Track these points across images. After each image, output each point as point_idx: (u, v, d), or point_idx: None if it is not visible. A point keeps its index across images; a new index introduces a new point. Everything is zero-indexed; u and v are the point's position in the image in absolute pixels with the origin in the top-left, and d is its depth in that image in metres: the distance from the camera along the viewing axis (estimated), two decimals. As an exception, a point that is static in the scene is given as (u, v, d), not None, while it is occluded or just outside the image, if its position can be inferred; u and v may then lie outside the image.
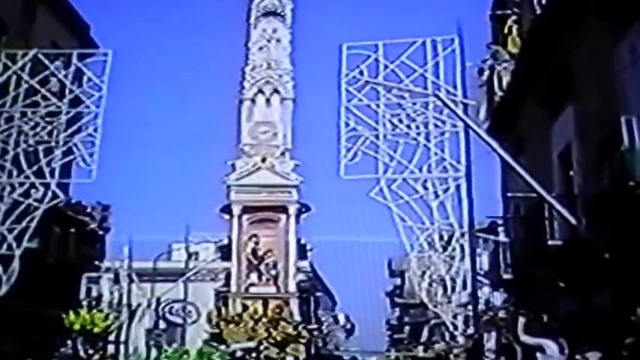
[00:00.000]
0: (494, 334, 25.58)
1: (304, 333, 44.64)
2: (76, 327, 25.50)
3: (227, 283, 47.38)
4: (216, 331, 43.51)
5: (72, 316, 25.63)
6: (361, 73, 21.78)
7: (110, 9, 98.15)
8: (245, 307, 44.43)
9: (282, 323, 43.62)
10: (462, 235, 21.08)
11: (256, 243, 46.92)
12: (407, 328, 65.49)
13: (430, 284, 22.02)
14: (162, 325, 41.53)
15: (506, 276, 20.42)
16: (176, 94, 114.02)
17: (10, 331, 20.81)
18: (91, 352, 26.91)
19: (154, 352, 36.79)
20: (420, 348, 52.81)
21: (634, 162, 11.16)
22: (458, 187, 21.12)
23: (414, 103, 21.91)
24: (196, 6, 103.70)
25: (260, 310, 44.09)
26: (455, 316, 22.02)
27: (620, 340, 11.75)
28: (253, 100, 48.16)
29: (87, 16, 28.16)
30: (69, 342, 25.14)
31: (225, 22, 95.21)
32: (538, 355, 15.21)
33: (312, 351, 46.17)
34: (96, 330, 26.66)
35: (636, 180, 11.03)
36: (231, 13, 64.49)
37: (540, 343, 15.10)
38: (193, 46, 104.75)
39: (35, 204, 19.82)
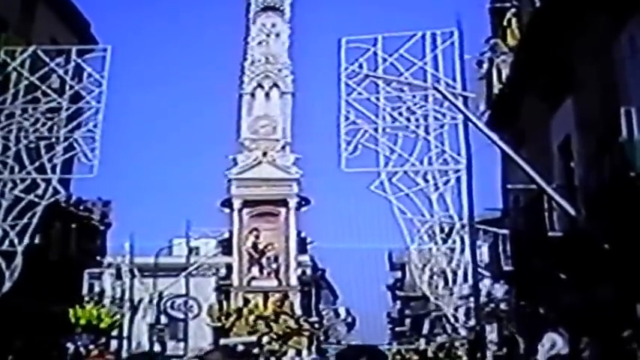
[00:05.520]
0: (495, 325, 25.66)
1: (306, 326, 44.75)
2: (82, 322, 25.58)
3: (228, 277, 47.49)
4: (218, 324, 43.65)
5: (79, 311, 25.72)
6: (360, 66, 21.76)
7: (110, 6, 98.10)
8: (246, 301, 44.55)
9: (284, 317, 43.72)
10: (463, 227, 21.09)
11: (257, 237, 47.00)
12: (408, 320, 65.67)
13: (431, 277, 22.03)
14: (164, 320, 41.65)
15: (507, 268, 20.47)
16: (177, 89, 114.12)
17: (14, 328, 20.87)
18: (91, 347, 27.07)
19: (157, 347, 36.96)
20: (422, 340, 52.93)
21: (634, 153, 11.19)
22: (458, 179, 21.12)
23: (414, 96, 21.90)
24: (195, 1, 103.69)
25: (261, 304, 44.21)
26: (456, 309, 22.03)
27: (621, 332, 11.80)
28: (253, 95, 48.23)
29: (86, 12, 28.23)
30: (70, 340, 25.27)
31: (225, 17, 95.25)
32: (539, 347, 15.26)
33: (315, 344, 46.25)
34: (102, 325, 26.75)
35: (636, 171, 11.07)
36: (230, 8, 64.47)
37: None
38: (193, 41, 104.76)
39: (36, 200, 19.84)
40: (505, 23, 21.93)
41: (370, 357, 3.84)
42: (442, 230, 21.69)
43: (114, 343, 34.57)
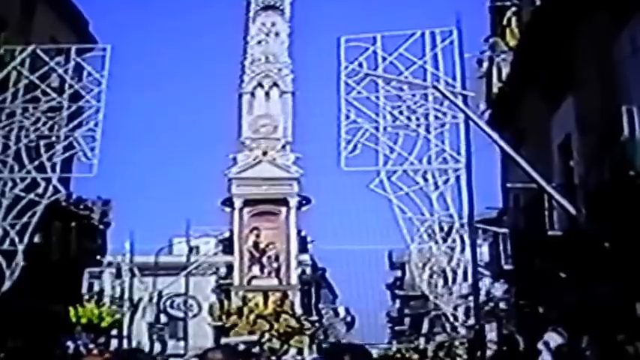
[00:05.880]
0: (495, 325, 25.60)
1: (307, 325, 44.77)
2: (83, 321, 25.55)
3: (228, 277, 47.48)
4: (219, 324, 43.65)
5: (80, 310, 25.69)
6: (360, 65, 21.77)
7: (109, 5, 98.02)
8: (246, 300, 44.53)
9: (285, 316, 43.73)
10: (462, 226, 21.08)
11: (257, 236, 47.01)
12: (408, 320, 65.58)
13: (431, 276, 22.04)
14: (163, 319, 41.63)
15: (506, 267, 20.45)
16: (177, 88, 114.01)
17: (13, 327, 20.85)
18: (91, 346, 27.08)
19: (157, 346, 36.97)
20: (422, 339, 52.89)
21: (634, 152, 11.19)
22: (458, 178, 21.14)
23: (414, 95, 21.93)
24: (195, 0, 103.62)
25: (261, 303, 44.21)
26: (456, 308, 22.03)
27: (620, 332, 11.77)
28: (253, 94, 48.21)
29: (86, 12, 28.23)
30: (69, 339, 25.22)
31: (225, 16, 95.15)
32: (539, 346, 15.23)
33: (316, 343, 46.24)
34: (103, 324, 26.70)
35: (637, 170, 11.06)
36: (230, 7, 64.43)
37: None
38: (193, 40, 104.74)
39: (37, 199, 19.85)
40: (505, 22, 21.91)
41: (354, 355, 3.89)
42: (442, 229, 21.70)
43: (114, 343, 34.55)
